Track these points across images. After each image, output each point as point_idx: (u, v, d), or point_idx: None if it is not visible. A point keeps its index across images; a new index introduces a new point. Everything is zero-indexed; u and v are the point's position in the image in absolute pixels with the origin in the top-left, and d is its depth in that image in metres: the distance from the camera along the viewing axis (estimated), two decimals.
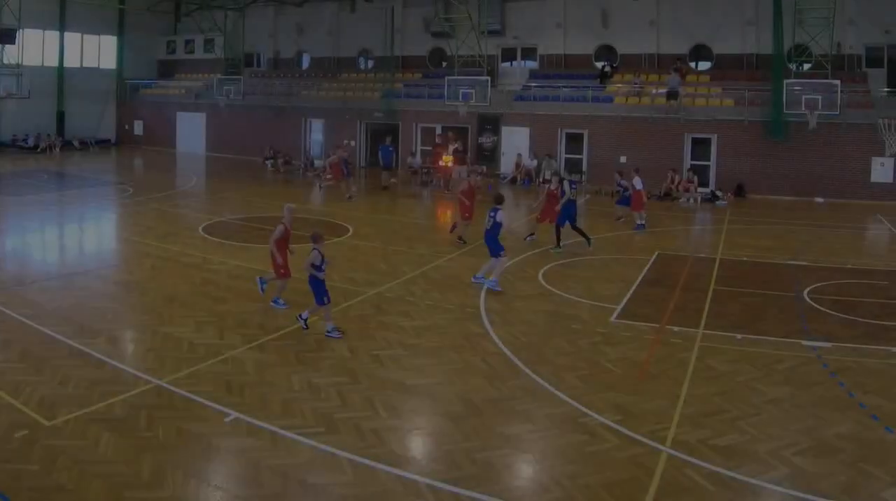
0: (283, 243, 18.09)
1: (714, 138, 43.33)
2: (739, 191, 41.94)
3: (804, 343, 16.31)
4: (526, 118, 47.95)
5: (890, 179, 39.67)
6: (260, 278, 18.86)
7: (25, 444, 10.80)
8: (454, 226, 27.11)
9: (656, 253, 25.51)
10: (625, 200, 30.81)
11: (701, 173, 42.29)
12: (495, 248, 20.16)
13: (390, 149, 43.68)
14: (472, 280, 20.65)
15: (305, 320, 16.36)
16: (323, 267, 16.13)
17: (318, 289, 16.01)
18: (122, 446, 10.85)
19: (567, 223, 25.95)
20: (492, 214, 20.42)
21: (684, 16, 48.75)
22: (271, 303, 18.11)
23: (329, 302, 16.30)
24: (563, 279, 21.40)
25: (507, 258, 20.69)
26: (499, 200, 21.02)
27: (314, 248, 16.18)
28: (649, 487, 10.19)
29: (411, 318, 17.70)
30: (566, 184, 26.24)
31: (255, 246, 24.93)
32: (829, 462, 10.88)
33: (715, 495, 10.08)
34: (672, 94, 43.25)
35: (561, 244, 25.64)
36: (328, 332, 16.05)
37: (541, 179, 44.36)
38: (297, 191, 40.77)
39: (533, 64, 54.29)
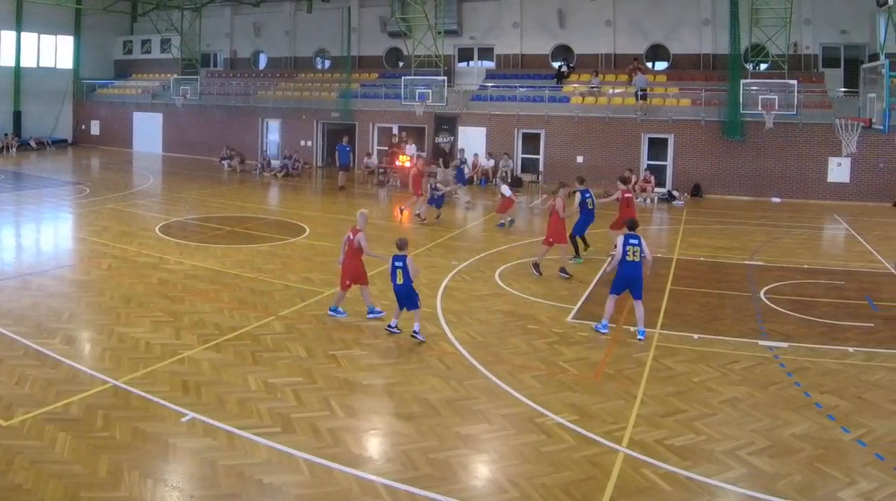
0: (360, 251, 17.62)
1: (671, 138, 43.57)
2: (696, 191, 42.25)
3: (761, 343, 16.40)
4: (482, 118, 48.06)
5: (847, 179, 40.04)
6: (370, 309, 17.86)
7: None
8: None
9: (612, 253, 25.42)
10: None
11: (658, 173, 42.55)
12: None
13: (347, 148, 43.76)
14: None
15: (418, 332, 16.24)
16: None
17: (413, 295, 16.35)
18: (78, 446, 10.81)
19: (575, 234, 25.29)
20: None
21: (641, 16, 49.13)
22: (330, 312, 17.86)
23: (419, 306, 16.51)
24: (519, 279, 21.43)
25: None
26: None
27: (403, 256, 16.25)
28: (606, 487, 10.23)
29: (367, 318, 17.67)
30: (578, 195, 25.23)
31: (212, 245, 25.06)
32: (785, 463, 10.95)
33: (671, 495, 10.13)
34: (642, 95, 43.62)
35: (580, 254, 25.19)
36: (415, 333, 16.19)
37: (497, 179, 44.69)
38: (254, 191, 41.08)
39: (490, 64, 54.56)
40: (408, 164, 42.75)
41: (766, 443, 11.55)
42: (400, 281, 16.02)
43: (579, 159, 44.55)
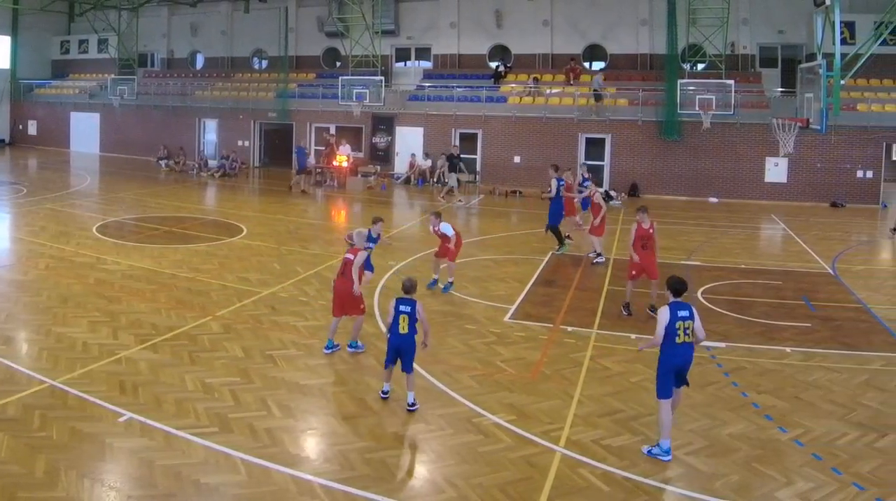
0: (360, 271, 16.14)
1: (608, 138, 43.89)
2: (633, 191, 42.64)
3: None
4: (420, 118, 48.13)
5: (784, 179, 40.62)
6: (352, 343, 15.74)
7: None
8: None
9: (550, 253, 25.65)
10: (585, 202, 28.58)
11: (595, 173, 41.88)
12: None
13: (305, 150, 43.65)
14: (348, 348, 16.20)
15: (414, 403, 12.95)
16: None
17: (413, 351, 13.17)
18: (15, 446, 10.72)
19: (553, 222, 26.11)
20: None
21: (578, 16, 49.50)
22: (350, 348, 15.92)
23: None
24: (457, 279, 21.25)
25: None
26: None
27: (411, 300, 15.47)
28: (543, 487, 10.25)
29: (305, 318, 17.66)
30: (555, 181, 26.12)
31: (150, 245, 24.90)
32: (722, 462, 11.02)
33: (609, 495, 10.16)
34: (598, 96, 43.80)
35: (564, 242, 26.00)
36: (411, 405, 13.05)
37: (434, 179, 44.95)
38: (191, 191, 40.88)
39: (427, 64, 54.82)
40: (345, 164, 43.20)
41: (703, 443, 11.64)
42: (404, 330, 12.85)
43: (517, 159, 44.92)
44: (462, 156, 45.05)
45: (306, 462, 10.78)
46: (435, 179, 45.08)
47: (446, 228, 20.20)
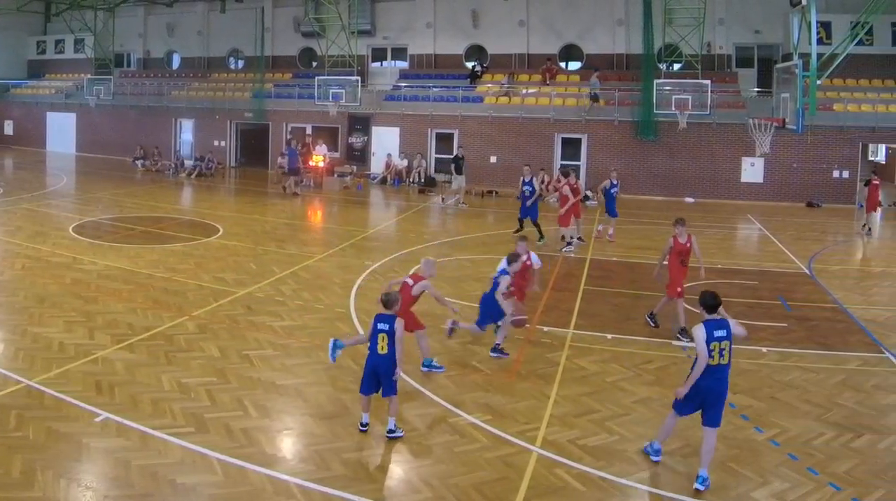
0: (414, 300, 14.90)
1: (584, 138, 43.94)
2: None
3: (674, 343, 16.51)
4: (396, 118, 48.12)
5: (760, 179, 40.78)
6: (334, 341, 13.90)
7: None
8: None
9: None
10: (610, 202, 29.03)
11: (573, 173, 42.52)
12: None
13: (296, 152, 43.12)
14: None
15: (395, 430, 12.16)
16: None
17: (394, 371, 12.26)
18: None
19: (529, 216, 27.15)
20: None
21: (554, 16, 49.54)
22: (423, 368, 14.76)
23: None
24: (433, 279, 21.36)
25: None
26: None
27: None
28: (519, 487, 10.26)
29: (281, 318, 17.62)
30: (534, 180, 26.90)
31: (126, 245, 24.85)
32: (698, 462, 10.90)
33: (585, 495, 10.18)
34: (594, 97, 43.79)
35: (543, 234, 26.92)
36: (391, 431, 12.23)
37: (411, 179, 45.17)
38: (167, 191, 40.90)
39: (403, 64, 54.77)
40: (321, 164, 43.26)
41: (679, 443, 11.64)
42: (383, 350, 11.73)
43: (493, 159, 45.01)
44: (439, 156, 45.65)
45: (283, 462, 10.78)
46: (411, 179, 45.28)
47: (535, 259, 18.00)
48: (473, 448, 11.37)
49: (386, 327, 11.67)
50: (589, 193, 39.61)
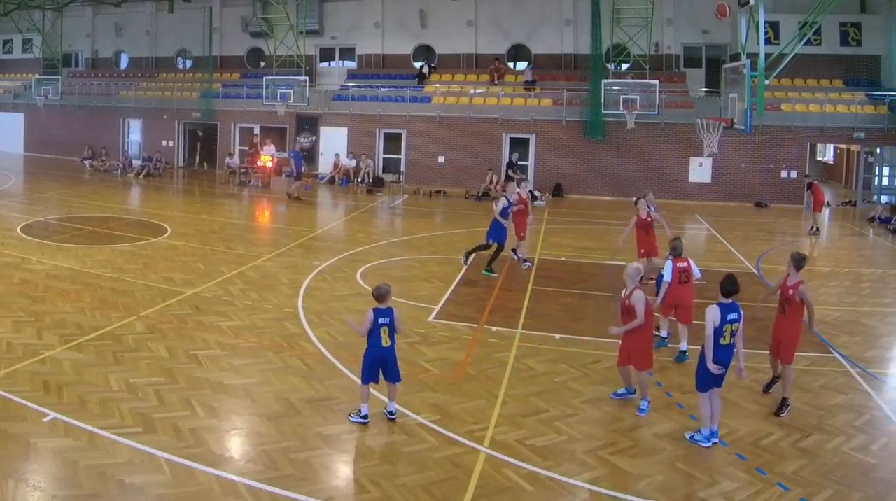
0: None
1: (532, 138, 44.10)
2: (558, 191, 42.85)
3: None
4: (344, 118, 48.11)
5: (708, 179, 41.15)
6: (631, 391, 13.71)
7: None
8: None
9: (474, 253, 25.40)
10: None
11: (519, 173, 42.00)
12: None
13: (300, 154, 43.20)
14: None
15: (395, 413, 12.47)
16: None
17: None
18: None
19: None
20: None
21: (502, 16, 49.57)
22: (614, 396, 13.77)
23: None
24: (381, 279, 21.03)
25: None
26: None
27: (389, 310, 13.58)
28: (467, 487, 10.28)
29: (229, 318, 17.57)
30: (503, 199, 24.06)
31: (74, 245, 24.72)
32: (647, 462, 11.08)
33: (533, 495, 10.20)
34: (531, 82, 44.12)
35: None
36: (391, 412, 12.46)
37: (359, 179, 45.20)
38: (115, 191, 40.88)
39: (351, 64, 54.63)
40: (269, 164, 43.36)
41: (627, 443, 11.70)
42: (387, 343, 12.14)
43: (441, 159, 45.10)
44: (387, 156, 46.10)
45: (231, 462, 10.75)
46: (360, 179, 45.29)
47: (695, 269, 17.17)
48: (421, 448, 11.38)
49: (387, 320, 12.11)
50: (537, 193, 39.90)
